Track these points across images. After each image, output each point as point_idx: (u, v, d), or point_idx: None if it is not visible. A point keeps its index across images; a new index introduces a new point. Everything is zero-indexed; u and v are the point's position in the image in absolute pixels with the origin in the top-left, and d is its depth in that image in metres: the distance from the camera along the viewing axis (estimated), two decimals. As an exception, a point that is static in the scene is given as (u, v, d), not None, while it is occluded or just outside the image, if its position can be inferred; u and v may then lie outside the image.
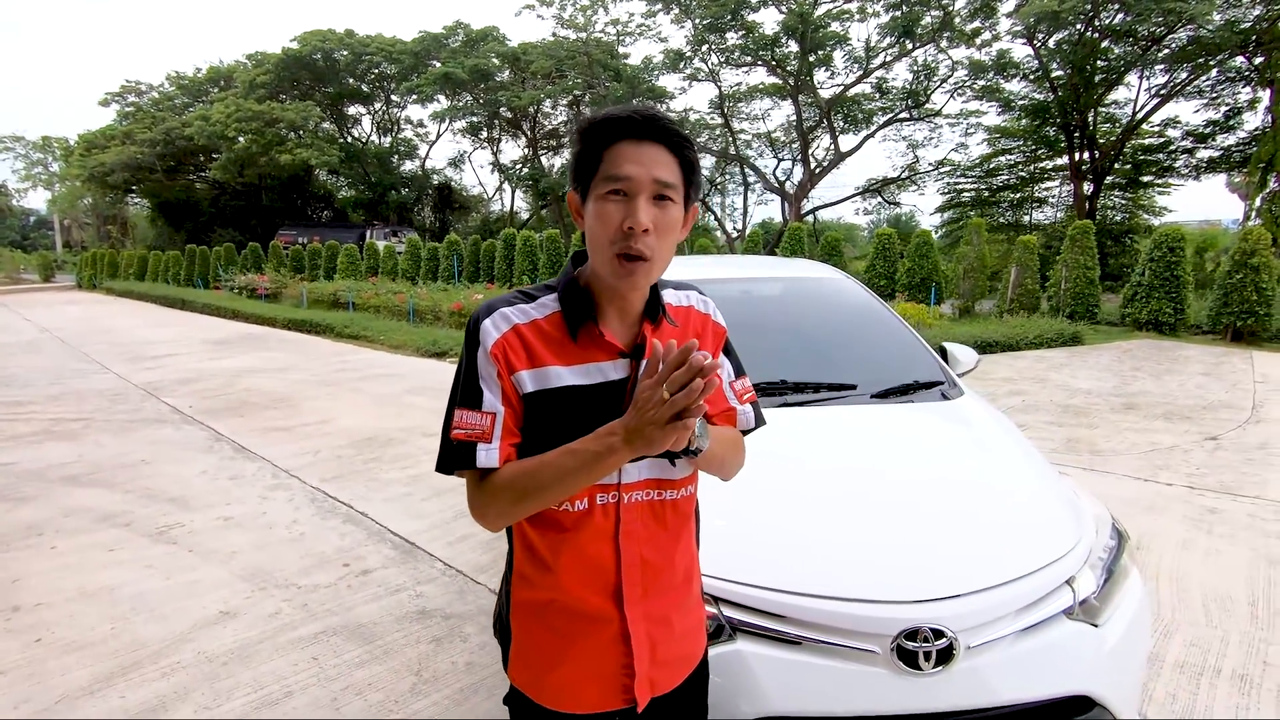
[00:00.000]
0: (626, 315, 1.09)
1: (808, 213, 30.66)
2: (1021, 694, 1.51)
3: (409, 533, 3.86)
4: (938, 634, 1.49)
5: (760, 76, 28.02)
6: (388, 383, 8.38)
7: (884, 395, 2.47)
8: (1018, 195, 27.58)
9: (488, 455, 1.01)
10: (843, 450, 2.12)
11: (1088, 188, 22.47)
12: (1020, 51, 22.66)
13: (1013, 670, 1.52)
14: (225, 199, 35.97)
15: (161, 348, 11.57)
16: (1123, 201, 25.99)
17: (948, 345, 2.95)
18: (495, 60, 30.91)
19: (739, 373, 1.24)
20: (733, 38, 25.69)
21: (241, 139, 30.49)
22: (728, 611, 1.57)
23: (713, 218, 37.92)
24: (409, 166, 38.39)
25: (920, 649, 1.48)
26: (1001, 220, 27.66)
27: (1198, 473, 4.63)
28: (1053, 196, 27.33)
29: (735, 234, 32.57)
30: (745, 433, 1.25)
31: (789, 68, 25.94)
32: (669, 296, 1.16)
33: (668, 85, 28.91)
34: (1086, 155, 22.21)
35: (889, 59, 25.13)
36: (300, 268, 22.16)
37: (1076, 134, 22.00)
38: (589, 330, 1.06)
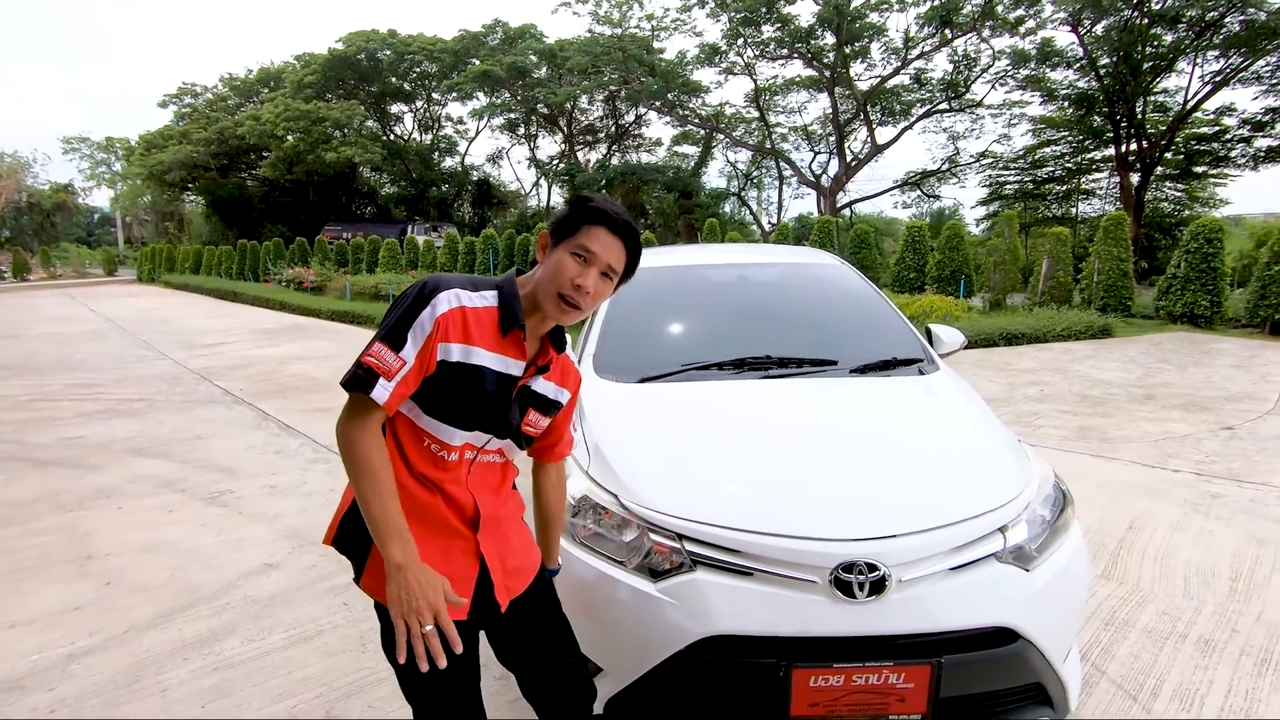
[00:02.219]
0: (537, 333, 1.40)
1: (844, 206, 30.41)
2: (947, 623, 1.70)
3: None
4: (872, 568, 1.69)
5: (796, 69, 27.92)
6: (423, 369, 8.76)
7: (862, 370, 2.65)
8: (1064, 187, 26.90)
9: (381, 391, 1.23)
10: (809, 412, 2.33)
11: (1135, 179, 21.81)
12: (1064, 39, 22.13)
13: (941, 602, 1.71)
14: (275, 196, 37.31)
15: (214, 336, 12.23)
16: (1176, 193, 25.13)
17: (933, 327, 3.11)
18: (533, 57, 31.41)
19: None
20: (768, 30, 25.63)
21: (290, 138, 31.64)
22: (689, 546, 1.79)
23: (748, 212, 37.84)
24: (449, 163, 39.27)
25: (855, 580, 1.68)
26: (1047, 213, 27.01)
27: (1207, 460, 4.65)
28: (1100, 188, 26.60)
29: (770, 227, 32.46)
30: None
31: (825, 60, 25.76)
32: (568, 349, 1.52)
33: (703, 79, 29.01)
34: (1134, 145, 21.55)
35: (928, 49, 24.76)
36: (344, 261, 22.97)
37: (1123, 123, 21.36)
38: (515, 333, 1.35)
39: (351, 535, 1.40)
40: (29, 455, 5.24)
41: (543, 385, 1.45)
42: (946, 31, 23.48)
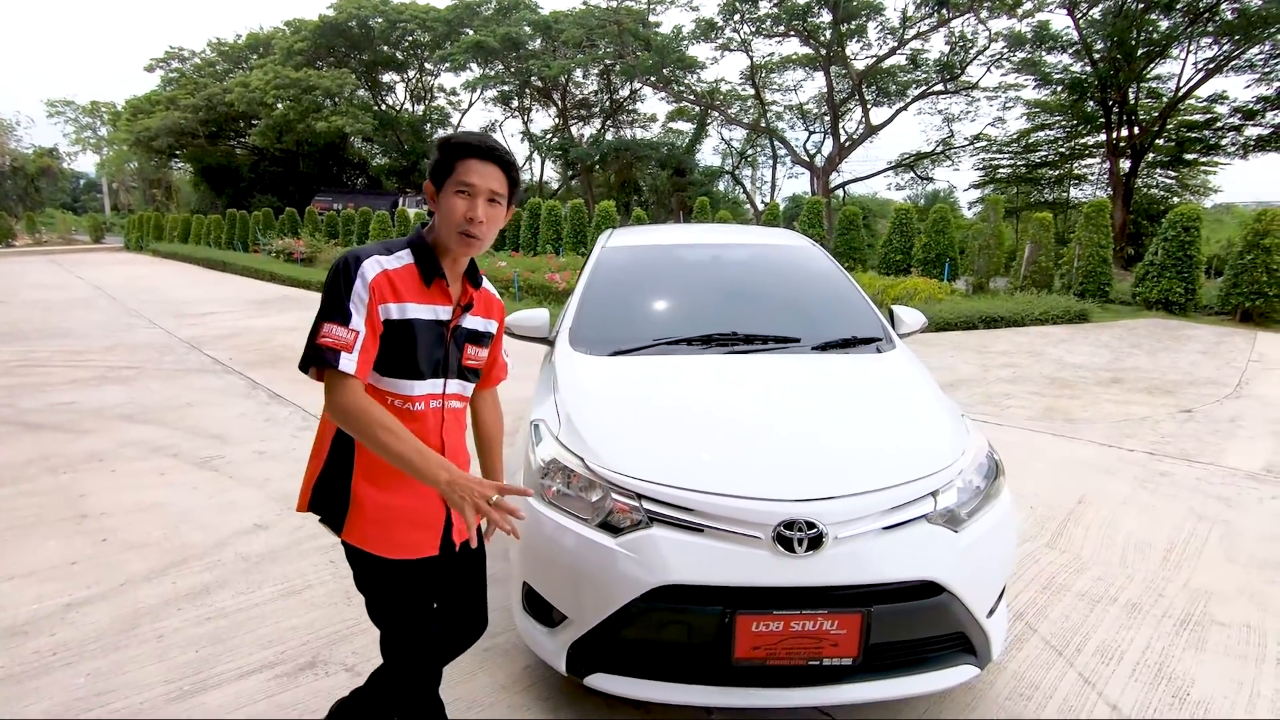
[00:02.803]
0: (455, 275, 1.57)
1: (837, 187, 30.41)
2: (878, 576, 1.87)
3: (419, 469, 4.32)
4: (810, 525, 1.85)
5: (793, 47, 27.70)
6: (411, 342, 8.89)
7: (823, 348, 2.81)
8: (1056, 173, 27.00)
9: (348, 363, 1.37)
10: (766, 386, 2.48)
11: (1126, 165, 21.91)
12: (1061, 22, 22.10)
13: (872, 558, 1.88)
14: (264, 165, 36.87)
15: (204, 306, 12.26)
16: (1168, 180, 25.29)
17: (895, 308, 3.26)
18: (527, 29, 30.96)
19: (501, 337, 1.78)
20: (765, 6, 25.37)
21: (280, 106, 31.20)
22: (647, 505, 1.95)
23: (742, 191, 37.75)
24: (442, 135, 38.82)
25: (795, 536, 1.85)
26: (1040, 198, 27.14)
27: (1162, 441, 4.86)
28: (1093, 174, 26.73)
29: (764, 207, 32.45)
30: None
31: (821, 38, 25.58)
32: (484, 282, 1.68)
33: (699, 55, 28.72)
34: (1125, 131, 21.62)
35: (925, 29, 24.62)
36: (334, 233, 22.84)
37: (1115, 109, 21.41)
38: (437, 282, 1.51)
39: (324, 498, 1.54)
40: (22, 419, 5.35)
41: (471, 321, 1.61)
42: (944, 11, 23.36)
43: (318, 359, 1.38)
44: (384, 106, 37.62)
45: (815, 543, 1.85)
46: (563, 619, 2.04)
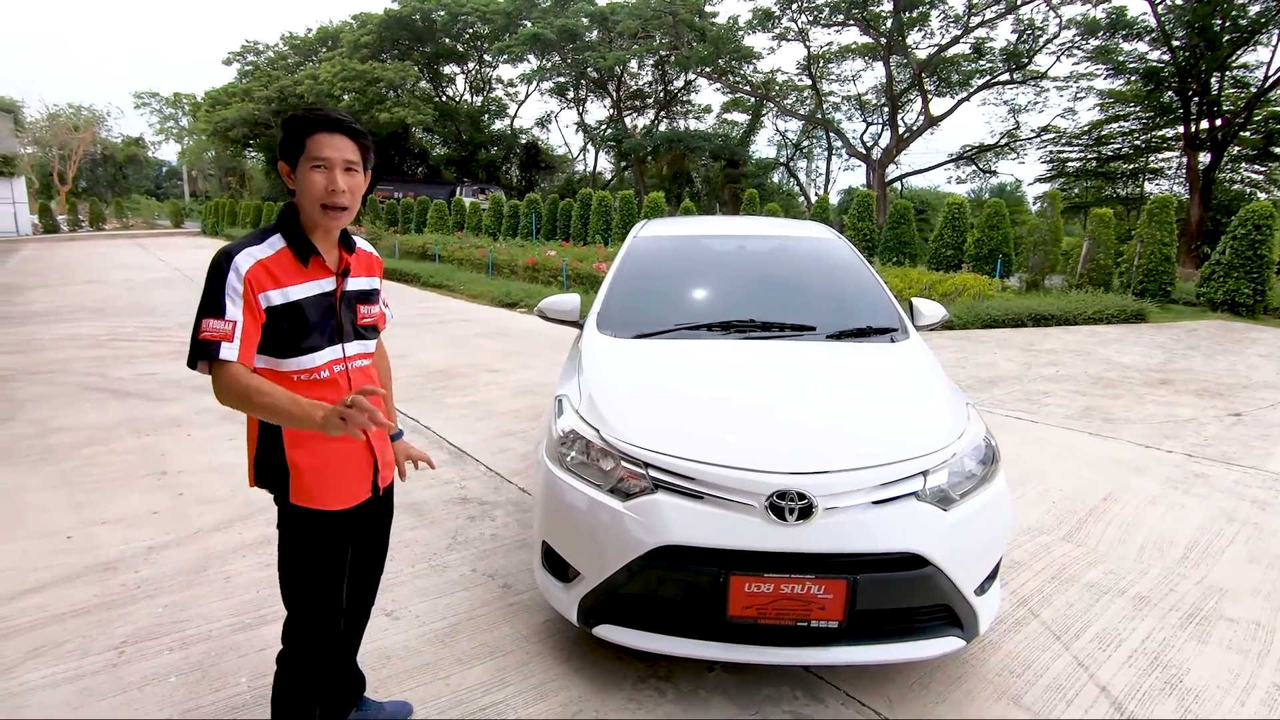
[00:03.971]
0: (330, 245, 1.64)
1: (894, 179, 29.76)
2: (863, 546, 2.01)
3: (462, 443, 4.61)
4: (802, 496, 2.00)
5: (852, 36, 27.29)
6: (462, 327, 9.27)
7: (838, 336, 2.93)
8: (1131, 166, 25.77)
9: (229, 351, 1.44)
10: (776, 369, 2.63)
11: (1206, 159, 20.75)
12: (1138, 6, 21.06)
13: (860, 529, 2.02)
14: (330, 154, 38.24)
15: (272, 288, 12.95)
16: (1255, 176, 23.87)
17: (915, 301, 3.34)
18: (584, 20, 31.26)
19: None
20: (824, -5, 24.97)
21: (346, 97, 32.37)
22: (653, 473, 2.13)
23: (796, 184, 37.28)
24: (499, 126, 39.61)
25: (787, 506, 2.00)
26: (1114, 193, 25.97)
27: (1203, 444, 4.76)
28: (1169, 168, 25.41)
29: (816, 200, 31.99)
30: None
31: (881, 27, 25.04)
32: (358, 243, 1.74)
33: (755, 45, 28.53)
34: (1205, 124, 20.48)
35: (991, 16, 23.82)
36: (394, 220, 23.69)
37: (1195, 99, 20.29)
38: (314, 259, 1.59)
39: (266, 472, 1.63)
40: (111, 387, 5.88)
41: (356, 283, 1.70)
42: (1012, -2, 22.55)
43: (203, 353, 1.45)
44: (444, 98, 38.57)
45: (805, 513, 2.00)
46: (576, 575, 2.24)
